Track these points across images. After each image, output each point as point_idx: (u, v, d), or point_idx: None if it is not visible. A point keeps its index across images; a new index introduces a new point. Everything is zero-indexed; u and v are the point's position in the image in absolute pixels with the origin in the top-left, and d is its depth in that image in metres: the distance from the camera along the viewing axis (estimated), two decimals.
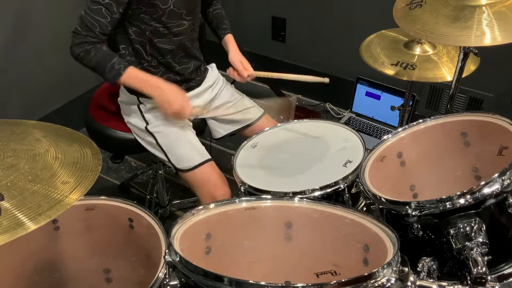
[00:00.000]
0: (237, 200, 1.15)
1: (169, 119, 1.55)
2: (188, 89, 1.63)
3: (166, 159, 1.58)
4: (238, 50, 1.68)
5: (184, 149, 1.57)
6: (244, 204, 1.15)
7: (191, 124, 1.64)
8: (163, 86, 1.47)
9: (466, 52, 1.47)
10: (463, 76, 1.53)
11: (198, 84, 1.67)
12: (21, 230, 0.76)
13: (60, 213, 0.81)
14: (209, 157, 1.58)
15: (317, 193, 1.28)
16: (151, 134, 1.58)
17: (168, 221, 2.11)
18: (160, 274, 1.06)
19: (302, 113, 2.69)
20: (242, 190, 1.36)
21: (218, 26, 1.72)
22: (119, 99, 1.68)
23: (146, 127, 1.59)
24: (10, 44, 2.23)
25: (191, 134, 1.62)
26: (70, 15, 2.41)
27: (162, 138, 1.58)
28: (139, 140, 1.64)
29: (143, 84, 1.46)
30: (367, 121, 2.62)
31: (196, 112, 1.58)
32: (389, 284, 0.86)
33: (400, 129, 1.36)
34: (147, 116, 1.59)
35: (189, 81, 1.64)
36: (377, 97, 2.56)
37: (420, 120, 1.36)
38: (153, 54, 1.53)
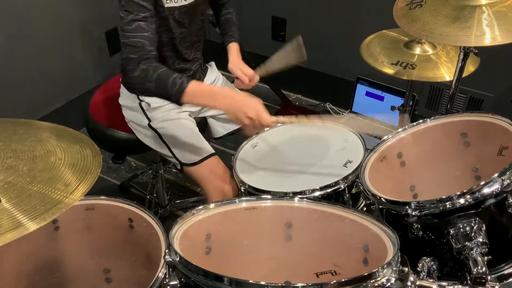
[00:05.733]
0: (237, 200, 1.15)
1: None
2: None
3: (170, 154, 1.58)
4: (238, 58, 1.66)
5: (189, 144, 1.57)
6: (244, 204, 1.15)
7: (194, 120, 1.65)
8: (232, 94, 1.36)
9: (466, 52, 1.47)
10: (463, 76, 1.53)
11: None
12: (19, 232, 0.76)
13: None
14: (214, 151, 1.58)
15: (317, 193, 1.28)
16: (155, 130, 1.58)
17: (168, 221, 2.10)
18: (160, 274, 1.06)
19: (302, 113, 2.68)
20: (242, 190, 1.36)
21: (225, 32, 1.72)
22: (119, 99, 1.67)
23: (149, 124, 1.59)
24: (10, 43, 2.23)
25: (195, 129, 1.62)
26: (70, 15, 2.44)
27: (166, 134, 1.57)
28: (141, 138, 1.64)
29: (210, 96, 1.35)
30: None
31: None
32: (389, 284, 0.86)
33: (400, 129, 1.36)
34: (149, 113, 1.59)
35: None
36: (381, 98, 2.55)
37: (420, 120, 1.36)
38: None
